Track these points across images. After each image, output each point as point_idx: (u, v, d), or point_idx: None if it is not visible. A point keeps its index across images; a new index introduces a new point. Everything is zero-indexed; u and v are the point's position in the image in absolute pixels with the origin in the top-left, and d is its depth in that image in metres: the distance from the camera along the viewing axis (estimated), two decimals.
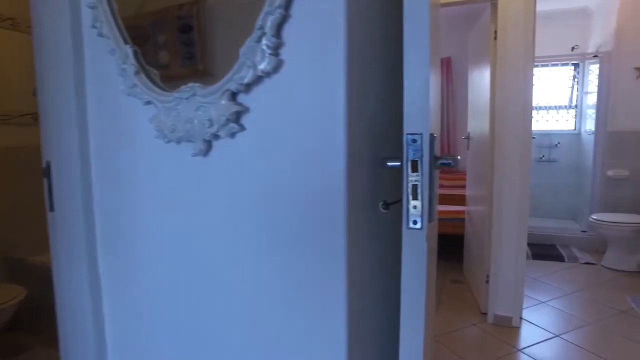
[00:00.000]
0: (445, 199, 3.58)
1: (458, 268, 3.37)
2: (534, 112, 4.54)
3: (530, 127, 2.45)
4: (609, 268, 3.31)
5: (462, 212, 3.40)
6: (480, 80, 2.82)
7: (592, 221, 3.35)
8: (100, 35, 0.97)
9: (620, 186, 3.65)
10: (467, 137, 3.08)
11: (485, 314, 2.55)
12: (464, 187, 3.65)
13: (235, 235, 0.89)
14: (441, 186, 4.50)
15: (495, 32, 2.45)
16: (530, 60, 2.38)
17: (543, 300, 2.77)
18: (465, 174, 3.57)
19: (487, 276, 2.52)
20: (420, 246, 0.74)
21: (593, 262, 3.45)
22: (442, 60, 4.77)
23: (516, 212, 2.45)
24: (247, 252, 0.89)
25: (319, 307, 0.83)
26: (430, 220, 0.73)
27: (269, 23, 0.76)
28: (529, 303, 2.73)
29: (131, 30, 0.96)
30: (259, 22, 0.77)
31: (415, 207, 0.72)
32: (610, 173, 3.64)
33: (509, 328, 2.43)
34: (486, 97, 2.59)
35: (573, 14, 4.25)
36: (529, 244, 3.92)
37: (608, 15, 3.76)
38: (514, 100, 2.39)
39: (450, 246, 3.68)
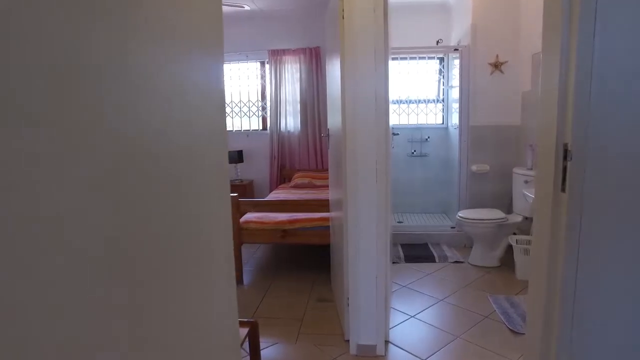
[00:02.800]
0: (312, 205, 3.17)
1: (328, 283, 3.00)
2: (404, 106, 4.44)
3: (387, 122, 2.13)
4: (474, 265, 3.25)
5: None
6: (334, 70, 2.43)
7: (458, 219, 3.26)
8: None
9: (482, 181, 3.65)
10: (327, 135, 2.70)
11: (349, 341, 2.17)
12: None
13: None
14: (312, 186, 4.13)
15: (344, 10, 2.06)
16: (382, 47, 2.04)
17: (412, 314, 2.51)
18: None
19: (348, 298, 2.14)
20: None
21: (461, 259, 3.37)
22: (310, 50, 4.40)
23: (375, 219, 2.09)
24: None
25: None
26: None
27: None
28: (398, 319, 2.44)
29: None
30: None
31: None
32: (474, 168, 3.63)
33: (373, 358, 2.08)
34: (339, 88, 2.19)
35: (436, 8, 4.21)
36: (402, 245, 3.75)
37: (464, 11, 3.74)
38: (364, 91, 2.03)
39: (322, 258, 3.32)
